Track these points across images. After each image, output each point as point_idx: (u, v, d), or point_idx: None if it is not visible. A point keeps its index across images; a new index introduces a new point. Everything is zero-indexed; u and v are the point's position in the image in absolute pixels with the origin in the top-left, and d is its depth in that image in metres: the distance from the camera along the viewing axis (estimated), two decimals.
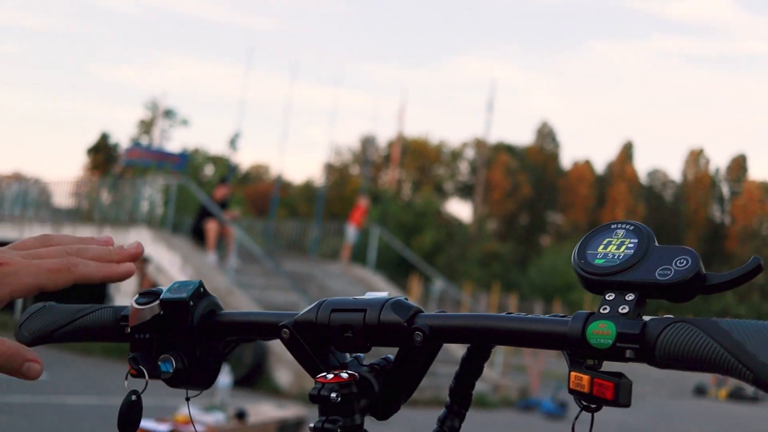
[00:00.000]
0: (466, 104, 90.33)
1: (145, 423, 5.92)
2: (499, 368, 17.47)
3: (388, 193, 50.18)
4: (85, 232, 19.79)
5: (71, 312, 1.09)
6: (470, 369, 0.96)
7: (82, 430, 8.69)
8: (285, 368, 13.77)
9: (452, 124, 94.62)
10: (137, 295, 1.05)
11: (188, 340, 1.02)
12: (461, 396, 0.97)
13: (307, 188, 57.24)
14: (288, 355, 1.05)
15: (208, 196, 18.24)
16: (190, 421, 1.11)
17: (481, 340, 0.90)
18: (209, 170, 52.50)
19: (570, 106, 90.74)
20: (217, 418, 6.37)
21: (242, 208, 30.07)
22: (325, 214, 32.65)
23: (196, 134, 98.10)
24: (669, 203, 66.75)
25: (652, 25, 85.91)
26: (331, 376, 0.89)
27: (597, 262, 0.86)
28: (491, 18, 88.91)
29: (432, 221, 48.20)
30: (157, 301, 1.02)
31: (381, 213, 41.05)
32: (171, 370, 1.00)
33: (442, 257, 44.79)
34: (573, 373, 0.80)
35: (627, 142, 65.81)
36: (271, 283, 17.73)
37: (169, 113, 54.71)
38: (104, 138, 56.70)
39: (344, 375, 0.90)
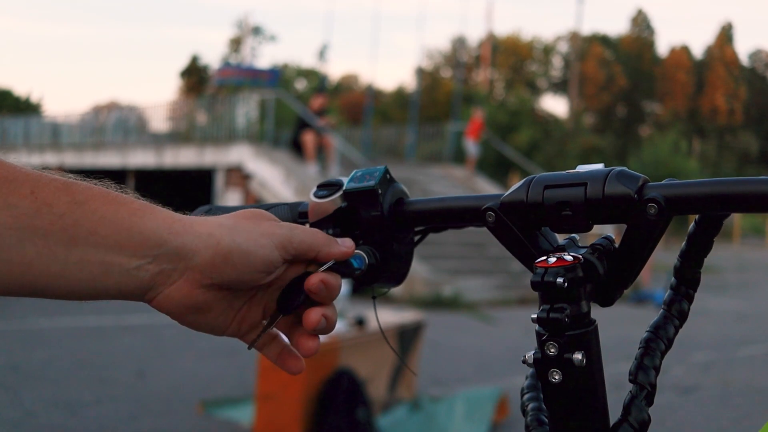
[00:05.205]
0: None
1: None
2: None
3: (480, 94, 49.59)
4: (187, 152, 20.07)
5: None
6: (701, 244, 0.83)
7: (202, 348, 8.83)
8: None
9: (544, 20, 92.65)
10: (315, 188, 0.97)
11: (378, 232, 0.94)
12: (690, 276, 0.84)
13: (399, 94, 57.03)
14: None
15: (304, 107, 18.20)
16: (377, 320, 1.06)
17: (725, 208, 0.76)
18: (301, 84, 52.63)
19: None
20: (336, 326, 6.34)
21: (338, 117, 29.94)
22: (419, 118, 32.37)
23: (286, 50, 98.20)
24: None
25: None
26: (553, 259, 0.80)
27: None
28: None
29: (527, 119, 47.59)
30: (340, 192, 0.95)
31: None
32: (364, 267, 0.90)
33: (539, 155, 44.10)
34: None
35: (725, 24, 63.67)
36: None
37: (257, 30, 54.92)
38: (195, 60, 57.22)
39: (568, 257, 0.80)
